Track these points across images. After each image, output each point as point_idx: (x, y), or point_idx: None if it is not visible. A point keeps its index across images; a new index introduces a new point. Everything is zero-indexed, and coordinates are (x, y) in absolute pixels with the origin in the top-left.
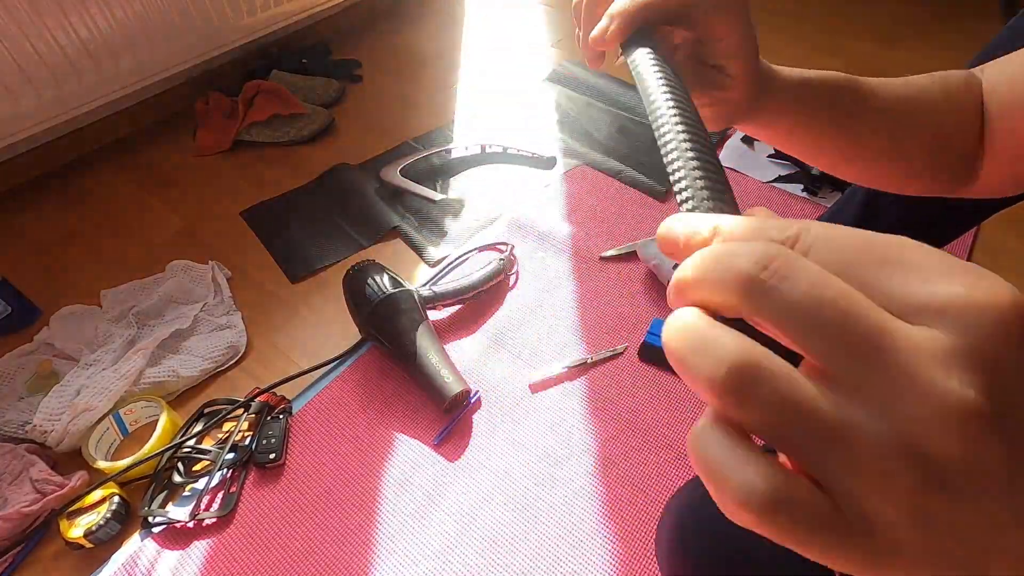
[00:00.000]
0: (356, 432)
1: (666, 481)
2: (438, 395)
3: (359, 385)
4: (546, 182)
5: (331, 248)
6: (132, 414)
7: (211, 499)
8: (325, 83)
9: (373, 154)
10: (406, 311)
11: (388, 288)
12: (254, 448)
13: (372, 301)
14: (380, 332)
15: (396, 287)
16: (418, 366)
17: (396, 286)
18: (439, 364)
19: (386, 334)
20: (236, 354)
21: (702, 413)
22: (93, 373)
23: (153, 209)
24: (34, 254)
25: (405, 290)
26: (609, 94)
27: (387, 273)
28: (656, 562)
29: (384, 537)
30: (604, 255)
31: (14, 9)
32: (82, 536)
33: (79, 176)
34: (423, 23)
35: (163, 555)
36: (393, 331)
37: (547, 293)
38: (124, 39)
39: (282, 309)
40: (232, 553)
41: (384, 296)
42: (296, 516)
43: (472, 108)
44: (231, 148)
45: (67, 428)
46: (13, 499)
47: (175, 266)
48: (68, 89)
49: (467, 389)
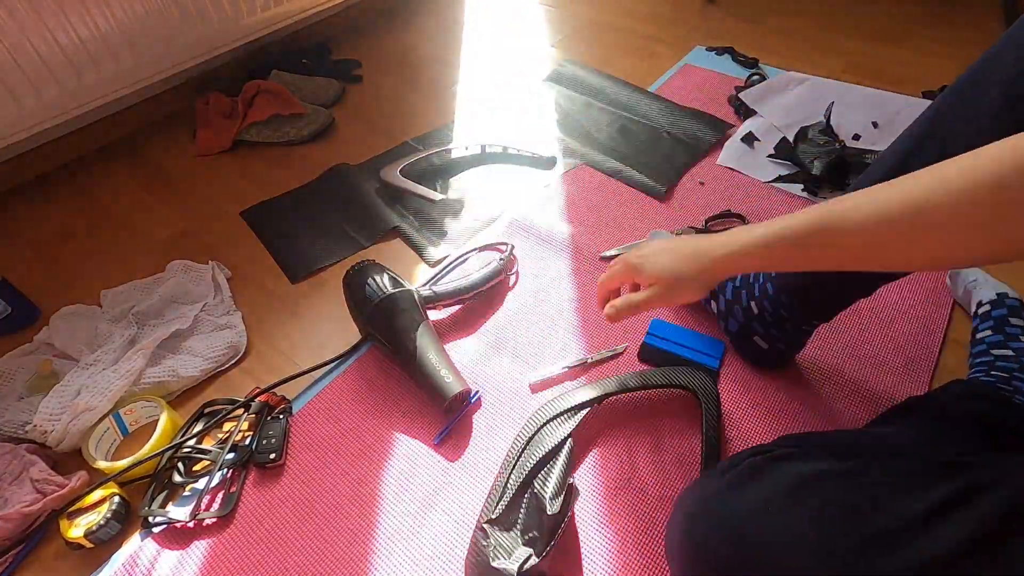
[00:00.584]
0: (356, 432)
1: (667, 481)
2: (438, 395)
3: (359, 385)
4: (546, 182)
5: (331, 248)
6: (132, 414)
7: (211, 499)
8: (325, 83)
9: (373, 154)
10: (406, 311)
11: (388, 288)
12: (254, 448)
13: (372, 301)
14: (380, 332)
15: (396, 287)
16: (418, 366)
17: (396, 286)
18: (439, 364)
19: (386, 334)
20: (236, 354)
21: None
22: (93, 373)
23: (153, 209)
24: (34, 254)
25: (405, 290)
26: (609, 94)
27: (387, 273)
28: (664, 559)
29: (384, 537)
30: (604, 255)
31: (14, 9)
32: (82, 536)
33: (79, 176)
34: (423, 23)
35: (163, 555)
36: (393, 331)
37: (547, 293)
38: (124, 39)
39: (282, 309)
40: (232, 553)
41: (384, 296)
42: (296, 516)
43: (472, 108)
44: (231, 148)
45: (67, 428)
46: (13, 499)
47: (175, 266)
48: (68, 89)
49: (467, 389)
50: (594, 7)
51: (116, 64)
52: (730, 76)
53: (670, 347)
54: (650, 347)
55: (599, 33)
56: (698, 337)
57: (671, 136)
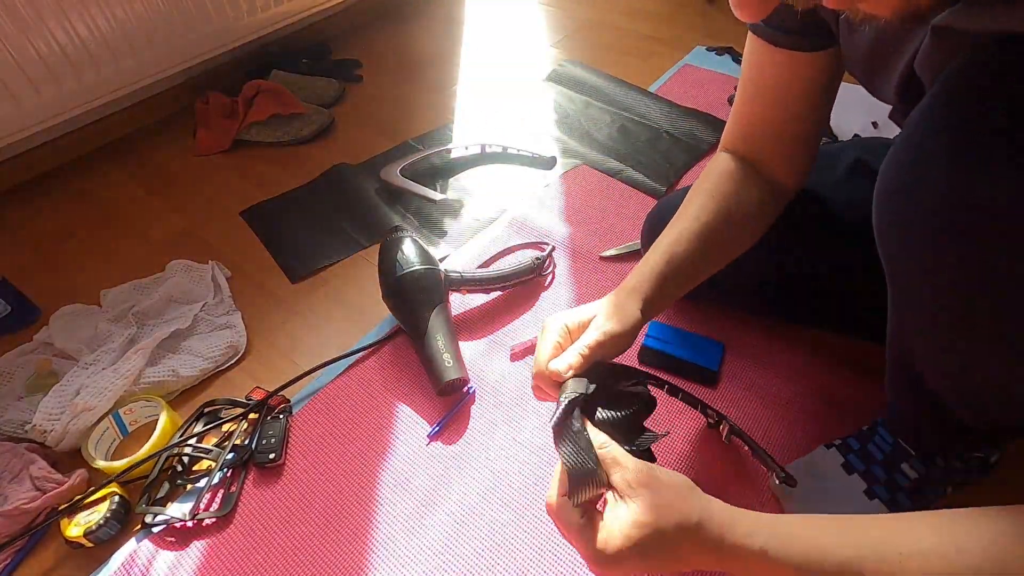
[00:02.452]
0: (356, 432)
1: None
2: (435, 377)
3: (359, 385)
4: (546, 182)
5: (331, 248)
6: (132, 414)
7: (211, 499)
8: (325, 83)
9: (373, 154)
10: (426, 289)
11: (416, 263)
12: (254, 448)
13: (397, 272)
14: (397, 303)
15: (425, 263)
16: (424, 345)
17: (425, 263)
18: (444, 347)
19: (402, 307)
20: (236, 354)
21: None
22: (93, 373)
23: (153, 209)
24: (34, 253)
25: (432, 269)
26: (609, 94)
27: (420, 248)
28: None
29: (383, 537)
30: (604, 255)
31: (14, 9)
32: (82, 535)
33: (79, 176)
34: (423, 23)
35: (163, 555)
36: (409, 306)
37: (546, 293)
38: (124, 39)
39: (282, 309)
40: (232, 553)
41: (409, 270)
42: (296, 516)
43: (472, 108)
44: (231, 148)
45: (67, 428)
46: (13, 496)
47: (175, 266)
48: (68, 89)
49: (465, 378)
50: (594, 7)
51: (116, 64)
52: (730, 76)
53: (669, 349)
54: (649, 350)
55: (599, 33)
56: (697, 339)
57: (671, 136)
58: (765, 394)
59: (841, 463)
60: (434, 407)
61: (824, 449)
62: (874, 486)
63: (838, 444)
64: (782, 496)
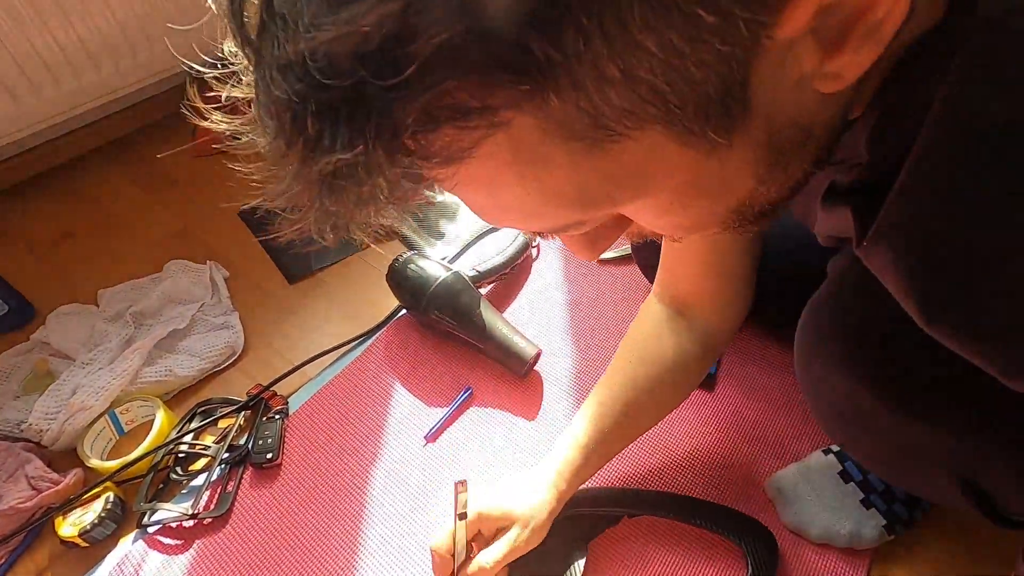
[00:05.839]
0: (353, 432)
1: (664, 482)
2: (516, 361)
3: (356, 386)
4: None
5: (328, 249)
6: (128, 413)
7: (207, 498)
8: None
9: None
10: (463, 290)
11: (441, 272)
12: (251, 448)
13: (431, 284)
14: (445, 312)
15: (446, 270)
16: (489, 338)
17: (445, 269)
18: (510, 332)
19: (451, 313)
20: (233, 354)
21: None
22: (89, 372)
23: (151, 209)
24: (31, 253)
25: (454, 272)
26: None
27: (429, 261)
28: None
29: (381, 536)
30: (602, 257)
31: (14, 9)
32: (77, 535)
33: (77, 175)
34: None
35: (158, 554)
36: (458, 309)
37: (544, 295)
38: (124, 39)
39: (279, 309)
40: (228, 552)
41: (440, 279)
42: (293, 515)
43: None
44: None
45: (63, 427)
46: (8, 495)
47: (173, 266)
48: (68, 89)
49: (539, 351)
50: None
51: (116, 64)
52: None
53: None
54: None
55: None
56: None
57: None
58: (762, 397)
59: (838, 471)
60: (431, 408)
61: (821, 455)
62: (871, 495)
63: (836, 451)
64: (777, 502)
